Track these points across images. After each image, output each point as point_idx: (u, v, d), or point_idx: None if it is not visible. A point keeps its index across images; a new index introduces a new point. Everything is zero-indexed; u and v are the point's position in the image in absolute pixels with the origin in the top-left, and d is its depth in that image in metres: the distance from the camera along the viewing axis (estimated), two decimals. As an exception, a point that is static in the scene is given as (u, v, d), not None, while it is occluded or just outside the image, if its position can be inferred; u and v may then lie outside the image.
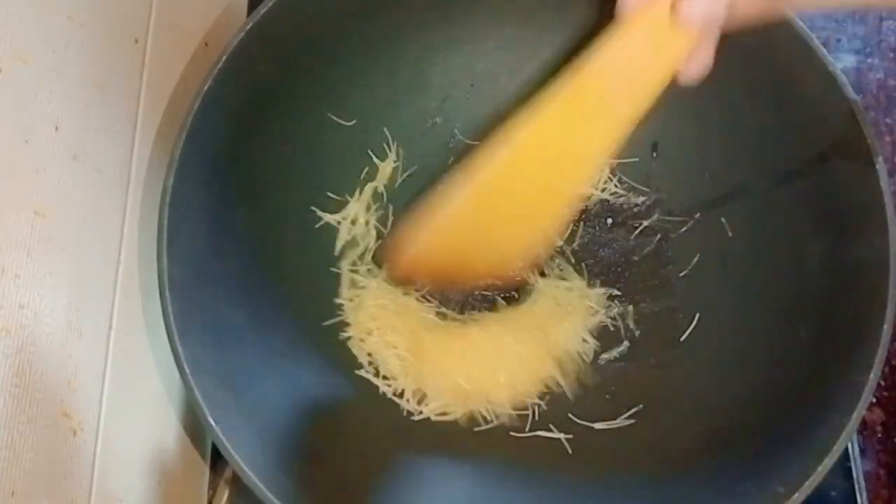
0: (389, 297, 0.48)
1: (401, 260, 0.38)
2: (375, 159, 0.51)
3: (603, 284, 0.50)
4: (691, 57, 0.33)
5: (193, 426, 0.45)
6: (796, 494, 0.37)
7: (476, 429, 0.46)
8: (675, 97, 0.49)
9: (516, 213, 0.34)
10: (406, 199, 0.51)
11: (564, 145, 0.33)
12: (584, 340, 0.48)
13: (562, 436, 0.45)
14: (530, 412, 0.46)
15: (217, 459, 0.47)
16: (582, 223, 0.51)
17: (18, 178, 0.31)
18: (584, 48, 0.34)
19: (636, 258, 0.51)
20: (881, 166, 0.41)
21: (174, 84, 0.45)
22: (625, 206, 0.51)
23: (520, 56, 0.51)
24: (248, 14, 0.50)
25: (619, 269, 0.51)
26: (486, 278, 0.41)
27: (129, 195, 0.40)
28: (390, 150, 0.51)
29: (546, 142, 0.33)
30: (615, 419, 0.46)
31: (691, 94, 0.49)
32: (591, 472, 0.45)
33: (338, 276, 0.49)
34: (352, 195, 0.50)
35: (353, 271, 0.49)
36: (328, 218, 0.49)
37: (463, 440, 0.46)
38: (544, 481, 0.45)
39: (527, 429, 0.46)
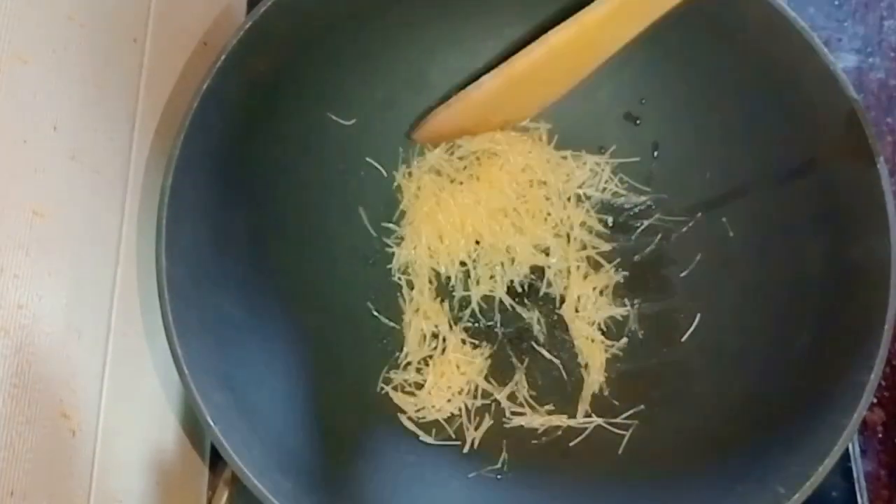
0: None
1: (428, 126, 0.50)
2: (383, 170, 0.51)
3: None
4: None
5: (193, 426, 0.45)
6: (797, 495, 0.37)
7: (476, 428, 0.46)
8: (675, 97, 0.50)
9: (531, 92, 0.48)
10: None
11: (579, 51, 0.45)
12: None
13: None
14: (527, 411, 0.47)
15: (216, 460, 0.46)
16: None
17: (17, 177, 0.31)
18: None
19: (636, 258, 0.50)
20: (882, 166, 0.40)
21: (173, 83, 0.45)
22: (625, 206, 0.51)
23: (520, 56, 0.51)
24: (247, 13, 0.50)
25: (620, 269, 0.50)
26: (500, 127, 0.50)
27: (128, 195, 0.40)
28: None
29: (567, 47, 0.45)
30: (615, 419, 0.46)
31: (692, 94, 0.49)
32: (591, 472, 0.45)
33: (339, 274, 0.49)
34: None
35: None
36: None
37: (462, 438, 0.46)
38: (542, 481, 0.45)
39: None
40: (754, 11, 0.43)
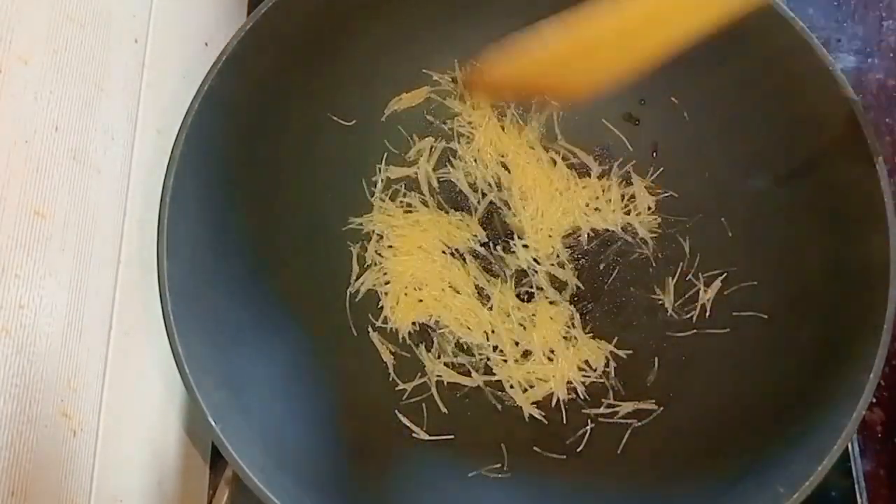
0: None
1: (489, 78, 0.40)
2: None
3: (603, 284, 0.50)
4: None
5: (193, 425, 0.45)
6: (796, 494, 0.37)
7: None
8: (675, 97, 0.50)
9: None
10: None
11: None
12: None
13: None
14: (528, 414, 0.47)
15: (217, 459, 0.47)
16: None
17: (18, 177, 0.31)
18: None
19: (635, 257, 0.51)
20: (881, 166, 0.41)
21: (174, 84, 0.45)
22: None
23: (520, 56, 0.52)
24: (248, 14, 0.50)
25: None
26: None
27: (129, 195, 0.40)
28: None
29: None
30: (615, 419, 0.46)
31: (691, 94, 0.49)
32: (591, 472, 0.45)
33: (338, 275, 0.49)
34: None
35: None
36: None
37: (462, 439, 0.46)
38: (542, 481, 0.45)
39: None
40: (754, 12, 0.43)
